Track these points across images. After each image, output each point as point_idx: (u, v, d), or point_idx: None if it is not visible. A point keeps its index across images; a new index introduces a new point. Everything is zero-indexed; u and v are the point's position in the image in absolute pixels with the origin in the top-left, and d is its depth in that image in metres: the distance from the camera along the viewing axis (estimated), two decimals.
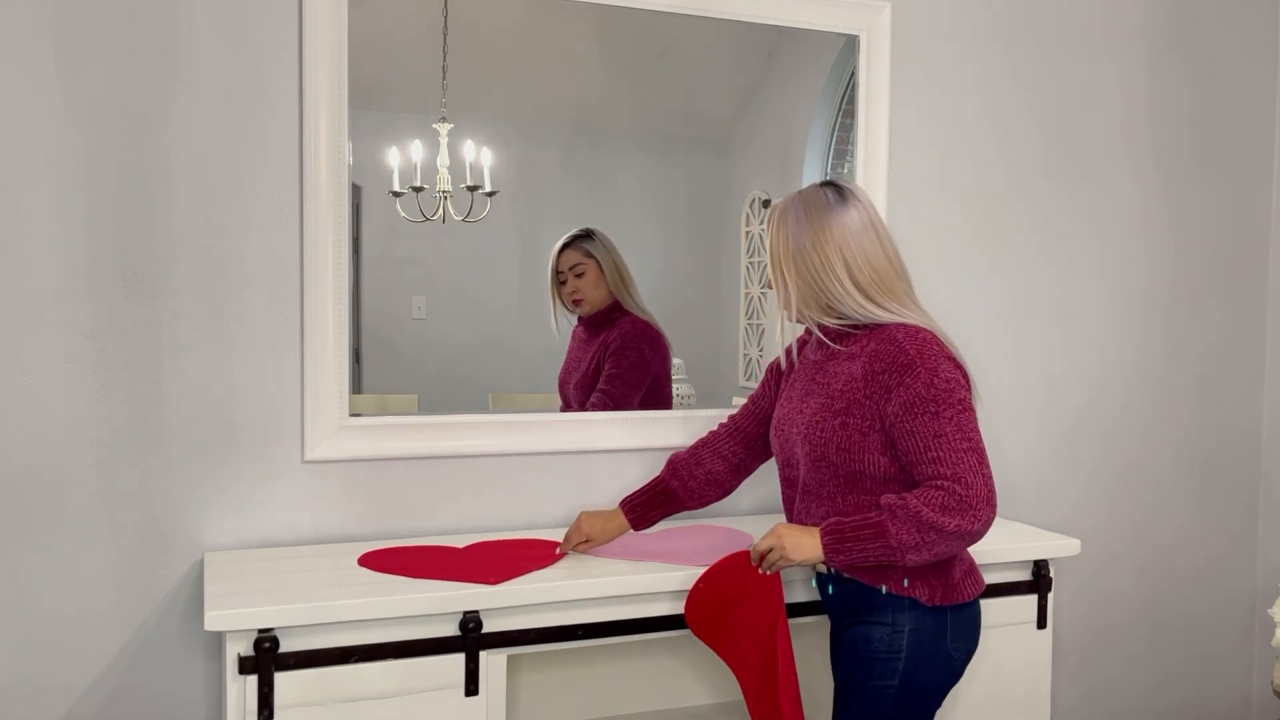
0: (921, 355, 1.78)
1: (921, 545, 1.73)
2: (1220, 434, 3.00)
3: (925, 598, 1.82)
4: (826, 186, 1.91)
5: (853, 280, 1.84)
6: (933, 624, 1.83)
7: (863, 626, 1.86)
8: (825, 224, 1.85)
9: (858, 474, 1.83)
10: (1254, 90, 2.97)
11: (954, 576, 1.85)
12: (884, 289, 1.85)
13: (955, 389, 1.76)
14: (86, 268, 2.01)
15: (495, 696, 1.87)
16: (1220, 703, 3.09)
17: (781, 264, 1.89)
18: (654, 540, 2.20)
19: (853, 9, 2.50)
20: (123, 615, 2.07)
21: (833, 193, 1.89)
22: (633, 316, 2.42)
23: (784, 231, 1.88)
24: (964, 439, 1.74)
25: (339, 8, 2.11)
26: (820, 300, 1.87)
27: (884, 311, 1.84)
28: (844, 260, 1.84)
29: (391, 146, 2.23)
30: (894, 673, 1.82)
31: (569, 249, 2.37)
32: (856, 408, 1.82)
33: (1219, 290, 2.97)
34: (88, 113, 1.99)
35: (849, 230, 1.85)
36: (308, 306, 2.13)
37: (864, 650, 1.85)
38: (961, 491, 1.71)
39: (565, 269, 2.37)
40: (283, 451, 2.15)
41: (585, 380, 2.40)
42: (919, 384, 1.76)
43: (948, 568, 1.85)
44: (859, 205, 1.88)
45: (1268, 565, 3.06)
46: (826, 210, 1.86)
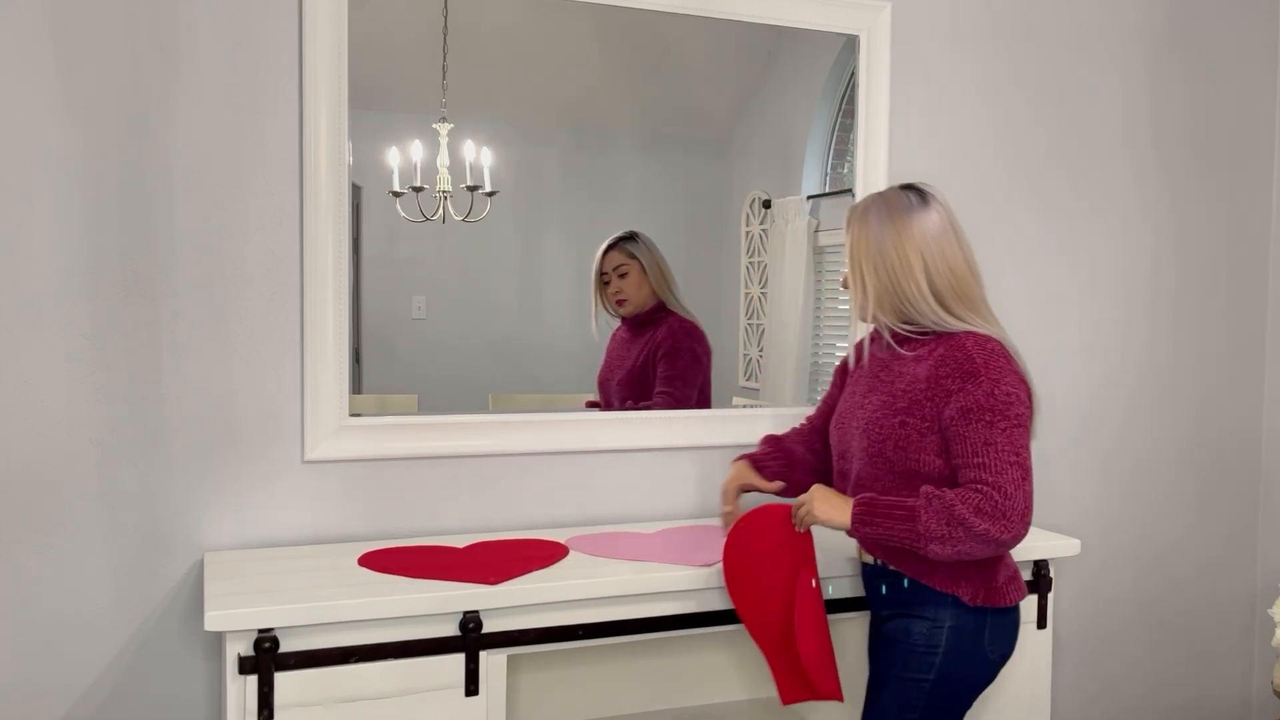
0: (987, 365, 1.80)
1: (947, 539, 1.75)
2: (1220, 434, 3.00)
3: (967, 597, 1.85)
4: (908, 189, 1.93)
5: (930, 283, 1.86)
6: (972, 623, 1.86)
7: (904, 620, 1.89)
8: (907, 225, 1.87)
9: (912, 473, 1.85)
10: (1254, 90, 2.97)
11: (998, 580, 1.87)
12: (960, 293, 1.88)
13: (1014, 403, 1.79)
14: (86, 268, 2.01)
15: (495, 696, 1.87)
16: (1220, 703, 3.09)
17: (861, 264, 1.91)
18: (654, 540, 2.20)
19: (853, 9, 2.50)
20: (123, 615, 2.07)
21: (914, 195, 1.91)
22: (678, 316, 2.46)
23: (865, 232, 1.90)
24: (1012, 452, 1.77)
25: (339, 8, 2.11)
26: (895, 303, 1.89)
27: (955, 319, 1.87)
28: (924, 262, 1.86)
29: (391, 146, 2.23)
30: (930, 667, 1.85)
31: (613, 250, 2.40)
32: (916, 408, 1.85)
33: (1219, 291, 2.97)
34: (88, 113, 1.99)
35: (929, 233, 1.87)
36: (308, 306, 2.13)
37: (903, 642, 1.88)
38: (999, 499, 1.74)
39: (609, 270, 2.40)
40: (283, 451, 2.15)
41: (630, 378, 2.42)
42: (979, 392, 1.79)
43: (992, 570, 1.87)
44: (939, 208, 1.90)
45: (1268, 565, 3.06)
46: (908, 211, 1.88)
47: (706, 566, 2.00)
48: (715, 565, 2.01)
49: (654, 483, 2.42)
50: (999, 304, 2.68)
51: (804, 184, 2.57)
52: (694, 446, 2.45)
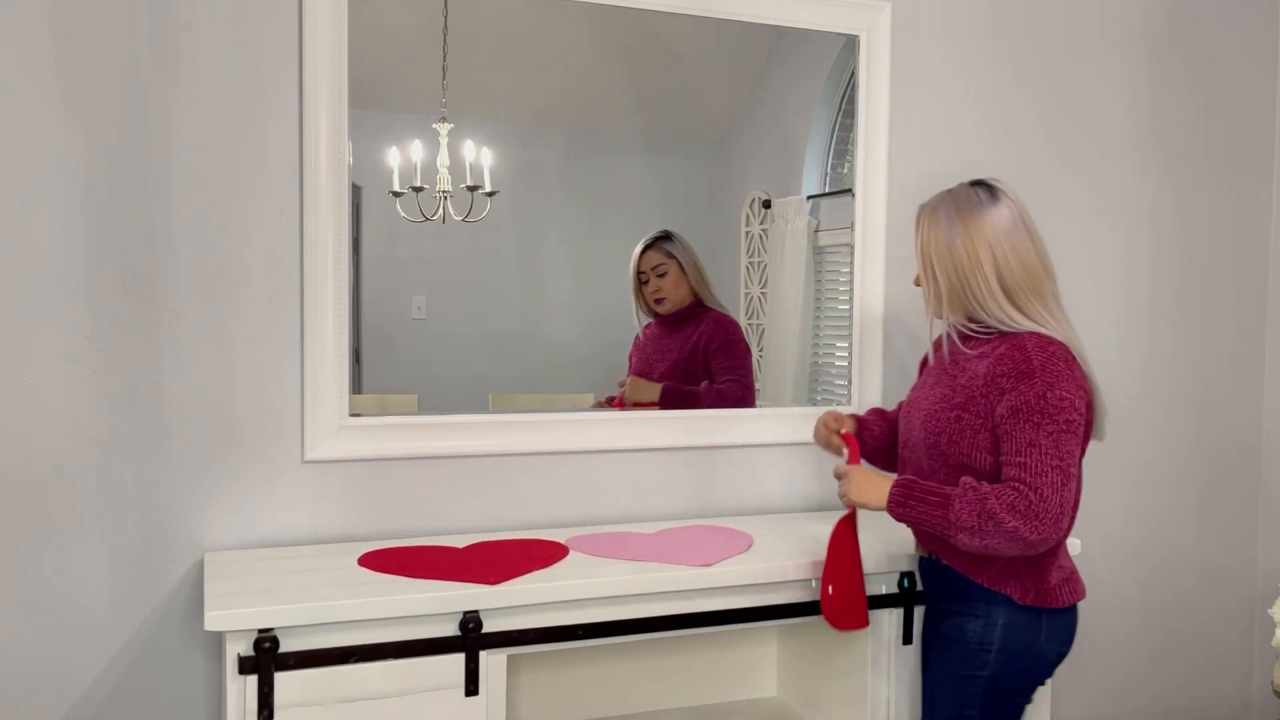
0: (1044, 367, 1.80)
1: (976, 530, 1.77)
2: (1221, 434, 3.00)
3: (1017, 596, 1.86)
4: (977, 185, 1.93)
5: (1000, 280, 1.86)
6: (1026, 621, 1.86)
7: (958, 617, 1.91)
8: (977, 222, 1.87)
9: (965, 467, 1.86)
10: (1254, 90, 2.97)
11: (1049, 581, 1.87)
12: (1032, 289, 1.87)
13: (1066, 409, 1.78)
14: (86, 268, 2.01)
15: (495, 696, 1.87)
16: (1220, 703, 3.09)
17: (932, 262, 1.91)
18: (654, 540, 2.20)
19: (853, 9, 2.50)
20: (123, 615, 2.07)
21: (984, 191, 1.91)
22: (716, 311, 2.49)
23: (935, 230, 1.91)
24: (1056, 456, 1.77)
25: (339, 8, 2.11)
26: (964, 301, 1.90)
27: (1024, 318, 1.86)
28: (994, 258, 1.86)
29: (391, 146, 2.23)
30: (985, 664, 1.86)
31: (650, 250, 2.43)
32: (972, 404, 1.85)
33: (1220, 292, 2.97)
34: (88, 113, 1.99)
35: (1000, 229, 1.87)
36: (308, 306, 2.13)
37: (958, 639, 1.89)
38: (1033, 499, 1.75)
39: (647, 269, 2.43)
40: (283, 451, 2.15)
41: (675, 372, 2.46)
42: (1031, 393, 1.78)
43: (1043, 571, 1.87)
44: (1009, 203, 1.90)
45: (1268, 566, 3.06)
46: (978, 208, 1.88)
47: (706, 566, 2.00)
48: (715, 565, 2.01)
49: (654, 483, 2.42)
50: None
51: (804, 184, 2.57)
52: (694, 446, 2.45)
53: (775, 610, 2.06)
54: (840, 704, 2.24)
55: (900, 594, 2.12)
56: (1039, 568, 1.86)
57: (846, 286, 2.57)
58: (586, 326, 2.43)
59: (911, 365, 2.62)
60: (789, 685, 2.45)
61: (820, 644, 2.31)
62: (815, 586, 2.07)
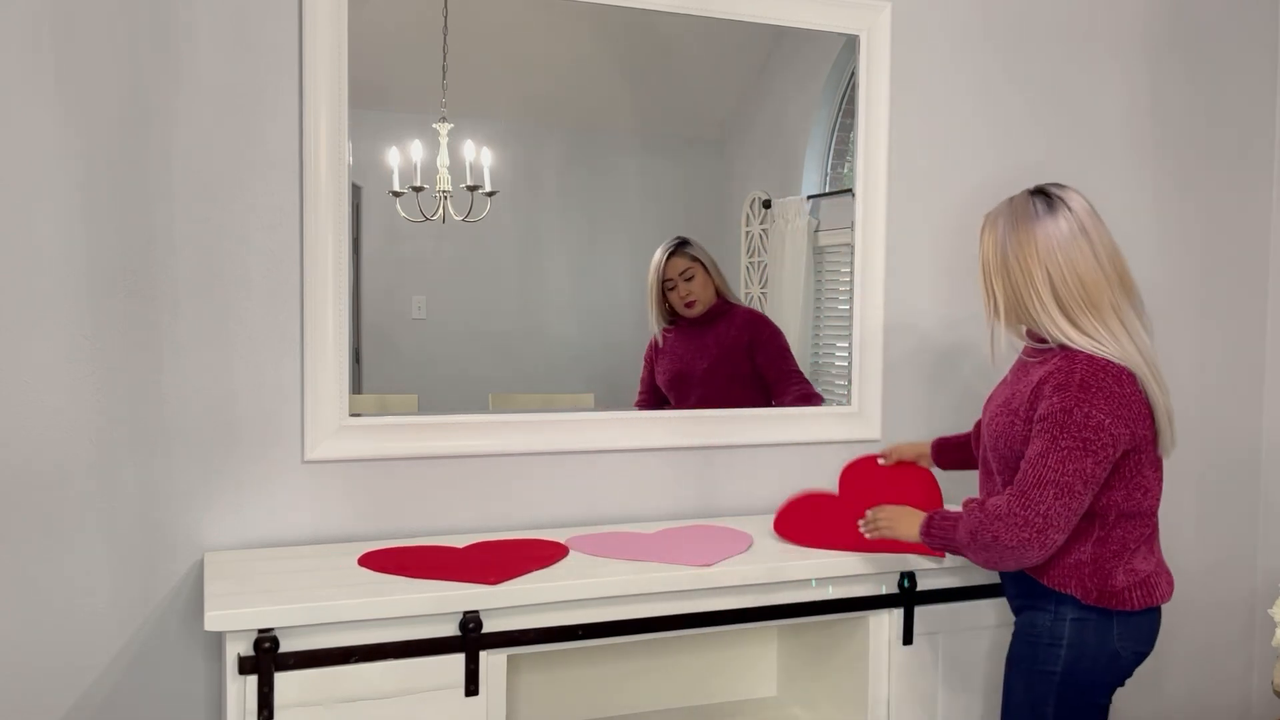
0: (1083, 385, 1.78)
1: (972, 547, 1.86)
2: (1220, 433, 3.00)
3: (1080, 596, 1.86)
4: (1036, 194, 1.91)
5: (1054, 293, 1.84)
6: (1097, 617, 1.86)
7: (1031, 612, 1.92)
8: (1030, 235, 1.86)
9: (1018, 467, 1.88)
10: (1254, 90, 2.97)
11: (1116, 583, 1.85)
12: (1089, 302, 1.84)
13: (1089, 428, 1.76)
14: (86, 268, 2.01)
15: (495, 696, 1.87)
16: (1220, 703, 3.09)
17: (990, 274, 1.92)
18: (654, 540, 2.20)
19: (853, 9, 2.50)
20: (123, 615, 2.07)
21: (1042, 201, 1.88)
22: (744, 308, 2.53)
23: (993, 241, 1.91)
24: (1058, 471, 1.77)
25: (339, 8, 2.11)
26: (1019, 314, 1.90)
27: (1078, 333, 1.83)
28: (1046, 272, 1.84)
29: (391, 146, 2.23)
30: (1056, 659, 1.87)
31: (675, 256, 2.46)
32: (1024, 410, 1.87)
33: (1219, 292, 2.97)
34: (88, 113, 1.99)
35: (1054, 241, 1.84)
36: (308, 306, 2.13)
37: (1030, 634, 1.91)
38: (1018, 506, 1.78)
39: (674, 275, 2.46)
40: (283, 451, 2.15)
41: (714, 371, 2.49)
42: (1057, 405, 1.79)
43: (1109, 572, 1.85)
44: (1068, 214, 1.86)
45: (1267, 566, 3.06)
46: (1032, 221, 1.86)
47: (706, 566, 2.00)
48: (715, 565, 2.01)
49: (654, 483, 2.42)
50: None
51: (804, 184, 2.57)
52: (694, 446, 2.45)
53: (775, 610, 2.06)
54: (840, 704, 2.24)
55: (900, 594, 2.13)
56: (1103, 570, 1.85)
57: (846, 286, 2.57)
58: (587, 326, 2.43)
59: (913, 365, 2.63)
60: (789, 685, 2.46)
61: (820, 644, 2.31)
62: (815, 585, 2.07)
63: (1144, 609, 1.87)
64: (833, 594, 2.09)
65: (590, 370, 2.45)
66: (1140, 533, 1.87)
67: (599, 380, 2.45)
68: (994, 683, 2.21)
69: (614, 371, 2.46)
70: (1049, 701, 1.87)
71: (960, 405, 2.66)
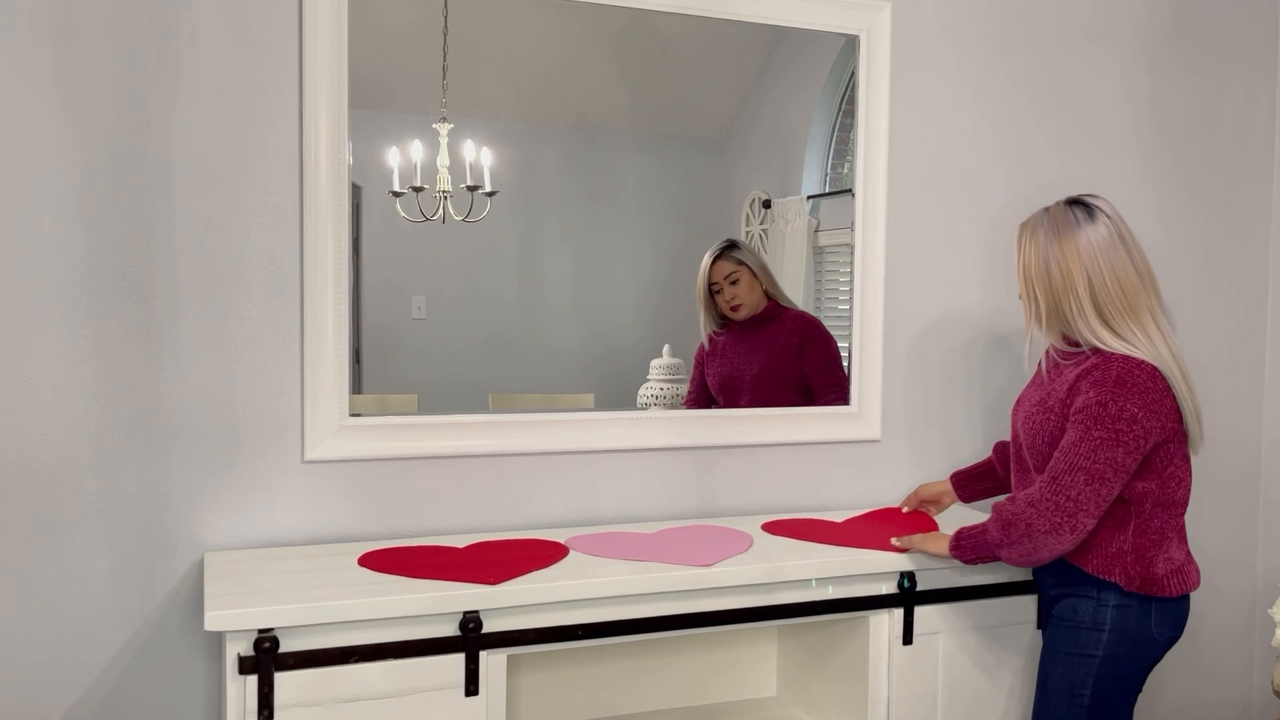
0: (1119, 381, 1.86)
1: (1005, 543, 1.92)
2: (1220, 433, 3.00)
3: (1123, 583, 1.92)
4: (1074, 204, 1.98)
5: (1093, 299, 1.91)
6: (1138, 604, 1.93)
7: (1071, 599, 1.97)
8: (1072, 242, 1.93)
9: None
10: (1254, 90, 2.97)
11: (1156, 570, 1.92)
12: (1128, 307, 1.92)
13: (1123, 420, 1.84)
14: (86, 268, 2.01)
15: (495, 696, 1.87)
16: (1220, 703, 3.09)
17: (1033, 282, 1.97)
18: (654, 540, 2.20)
19: (853, 9, 2.50)
20: (123, 615, 2.07)
21: (1081, 210, 1.96)
22: (796, 311, 2.53)
23: (1035, 249, 1.97)
24: (1090, 459, 1.84)
25: (339, 8, 2.11)
26: (1059, 320, 1.96)
27: (1115, 338, 1.91)
28: (1088, 278, 1.92)
29: (391, 146, 2.23)
30: (1098, 644, 1.93)
31: (721, 260, 2.46)
32: (1060, 406, 1.93)
33: (1219, 291, 2.97)
34: (88, 113, 1.99)
35: (1095, 247, 1.92)
36: (308, 306, 2.13)
37: (1071, 620, 1.96)
38: (1049, 491, 1.86)
39: (720, 279, 2.47)
40: (283, 451, 2.15)
41: (765, 375, 2.50)
42: (1093, 399, 1.86)
43: (1149, 560, 1.92)
44: (1107, 221, 1.95)
45: (1268, 566, 3.06)
46: (1074, 229, 1.94)
47: (706, 566, 2.00)
48: (715, 565, 2.01)
49: (654, 483, 2.42)
50: (1000, 305, 2.69)
51: (804, 184, 2.57)
52: (694, 446, 2.45)
53: (775, 610, 2.06)
54: (840, 704, 2.24)
55: (900, 594, 2.13)
56: (1144, 559, 1.92)
57: (846, 286, 2.57)
58: (587, 326, 2.43)
59: (913, 365, 2.62)
60: (789, 685, 2.46)
61: (820, 644, 2.31)
62: (815, 585, 2.07)
63: (1180, 595, 1.95)
64: (833, 594, 2.09)
65: (590, 370, 2.45)
66: (1175, 522, 1.96)
67: (599, 380, 2.44)
68: (994, 683, 2.21)
69: (614, 372, 2.46)
70: (1087, 685, 1.92)
71: (960, 405, 2.66)
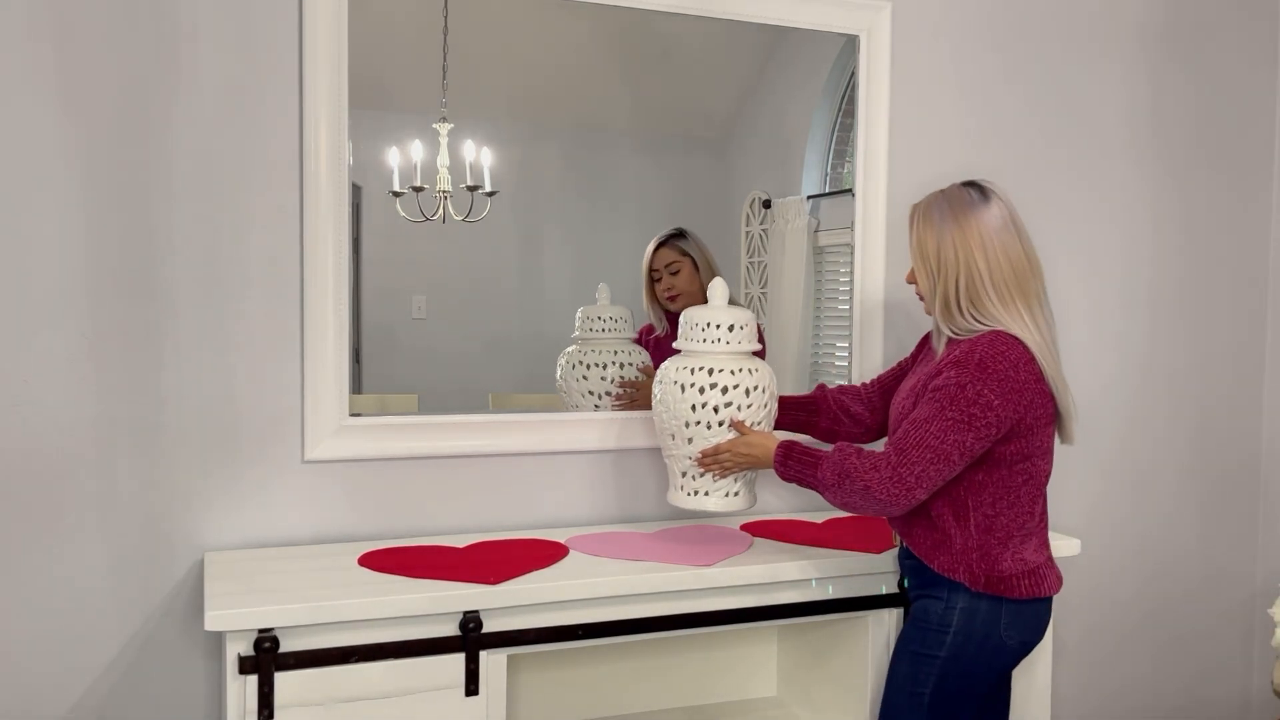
0: (980, 364, 1.83)
1: (836, 488, 1.88)
2: (1221, 434, 3.00)
3: (968, 582, 1.90)
4: (969, 185, 1.96)
5: (990, 280, 1.89)
6: (986, 608, 1.90)
7: (924, 600, 1.96)
8: (970, 222, 1.91)
9: None
10: (1254, 90, 2.97)
11: (1002, 569, 1.90)
12: (1019, 289, 1.90)
13: (976, 405, 1.82)
14: (86, 268, 2.01)
15: (495, 696, 1.87)
16: (1220, 703, 3.09)
17: (930, 261, 1.94)
18: (654, 540, 2.20)
19: (853, 9, 2.50)
20: (123, 615, 2.07)
21: (976, 191, 1.94)
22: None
23: (929, 229, 1.94)
24: (938, 439, 1.82)
25: (339, 8, 2.11)
26: (951, 299, 1.92)
27: (1006, 317, 1.89)
28: (985, 258, 1.89)
29: (391, 146, 2.23)
30: (942, 645, 1.91)
31: (663, 248, 2.42)
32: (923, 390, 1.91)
33: (1220, 293, 2.97)
34: (88, 113, 1.99)
35: (991, 228, 1.90)
36: (308, 306, 2.13)
37: (921, 620, 1.95)
38: (896, 461, 1.83)
39: (660, 267, 2.42)
40: (283, 451, 2.15)
41: None
42: (953, 378, 1.84)
43: (995, 558, 1.90)
44: (1000, 203, 1.93)
45: (1268, 566, 3.06)
46: (970, 208, 1.92)
47: (706, 566, 2.00)
48: (715, 565, 2.01)
49: (655, 482, 2.42)
50: None
51: (804, 184, 2.57)
52: None
53: (775, 610, 2.07)
54: (840, 704, 2.24)
55: (900, 594, 2.13)
56: (989, 556, 1.89)
57: (846, 286, 2.57)
58: None
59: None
60: (789, 685, 2.46)
61: (820, 644, 2.32)
62: (815, 585, 2.07)
63: (1030, 598, 1.91)
64: (833, 594, 2.09)
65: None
66: (1025, 521, 1.91)
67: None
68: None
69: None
70: (928, 685, 1.91)
71: None
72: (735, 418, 2.03)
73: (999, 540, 1.89)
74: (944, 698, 1.91)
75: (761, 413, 2.07)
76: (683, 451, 2.06)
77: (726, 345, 2.05)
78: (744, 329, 2.07)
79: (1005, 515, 1.89)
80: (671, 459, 2.10)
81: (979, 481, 1.88)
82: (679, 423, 2.04)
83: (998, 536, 1.89)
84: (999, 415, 1.83)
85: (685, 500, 2.08)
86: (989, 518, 1.89)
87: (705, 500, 2.07)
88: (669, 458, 2.11)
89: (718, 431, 2.02)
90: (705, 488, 2.07)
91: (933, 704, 1.91)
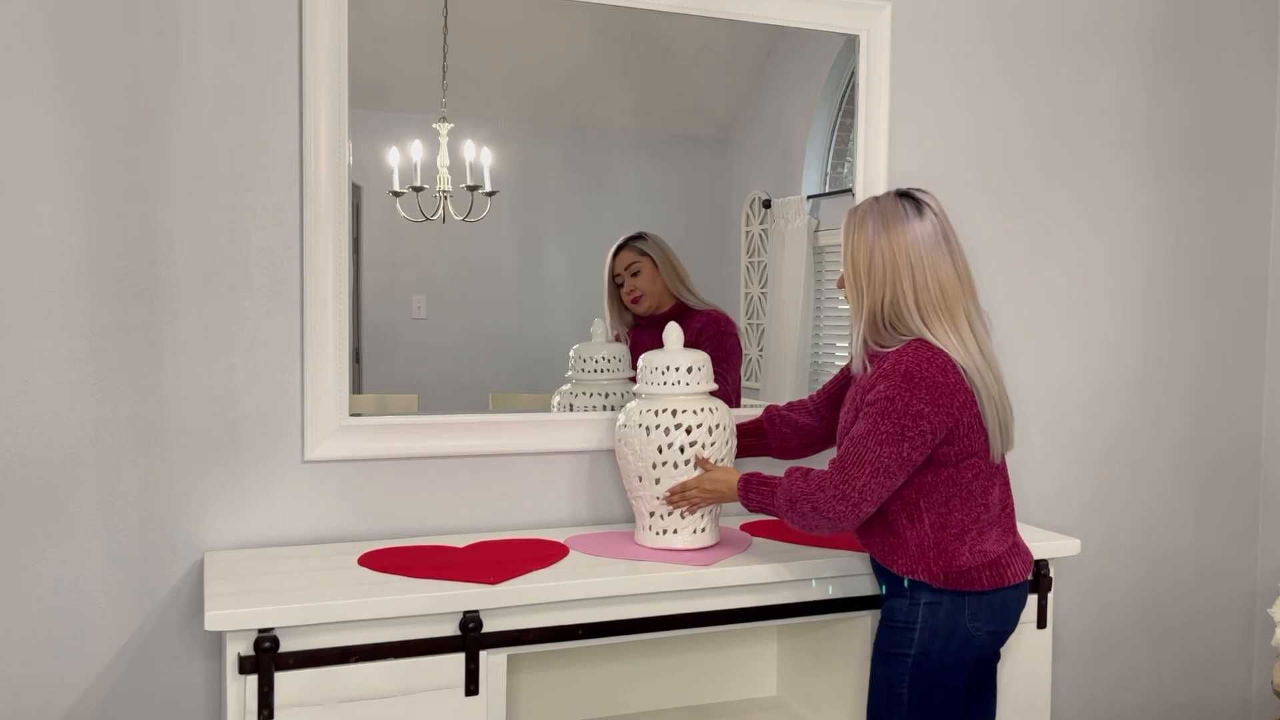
0: (908, 376, 1.85)
1: (789, 511, 1.91)
2: (1220, 433, 3.00)
3: (929, 579, 1.91)
4: (904, 196, 1.95)
5: (916, 302, 1.89)
6: (949, 602, 1.91)
7: (891, 599, 1.97)
8: (900, 236, 1.90)
9: None
10: (1254, 90, 2.97)
11: (960, 563, 1.90)
12: (944, 307, 1.90)
13: (908, 417, 1.84)
14: (86, 268, 2.01)
15: (495, 696, 1.87)
16: (1220, 703, 3.09)
17: (859, 272, 1.94)
18: None
19: (853, 9, 2.50)
20: (123, 615, 2.07)
21: (910, 204, 1.93)
22: (705, 310, 2.47)
23: (862, 238, 1.93)
24: (875, 453, 1.84)
25: (339, 7, 2.11)
26: (878, 312, 1.92)
27: (929, 334, 1.89)
28: (912, 274, 1.89)
29: (391, 146, 2.23)
30: (910, 643, 1.92)
31: (623, 250, 2.41)
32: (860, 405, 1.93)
33: (1219, 291, 2.97)
34: (88, 113, 1.99)
35: (921, 244, 1.90)
36: (308, 306, 2.13)
37: (889, 620, 1.96)
38: (838, 479, 1.86)
39: (621, 270, 2.41)
40: (283, 451, 2.15)
41: None
42: (883, 394, 1.86)
43: (951, 553, 1.90)
44: (933, 218, 1.93)
45: (1268, 565, 3.06)
46: (902, 222, 1.91)
47: (706, 566, 2.00)
48: (715, 565, 2.01)
49: None
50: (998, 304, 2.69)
51: (804, 184, 2.57)
52: None
53: (775, 610, 2.07)
54: (840, 704, 2.24)
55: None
56: (946, 552, 1.90)
57: None
58: (586, 326, 2.42)
59: None
60: (789, 685, 2.46)
61: (820, 644, 2.32)
62: (815, 585, 2.07)
63: (994, 589, 1.92)
64: (833, 594, 2.09)
65: None
66: (980, 514, 1.92)
67: None
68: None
69: None
70: (904, 684, 1.92)
71: None
72: (700, 455, 2.06)
73: (954, 535, 1.90)
74: (921, 694, 1.92)
75: (724, 449, 2.11)
76: (650, 492, 2.09)
77: (686, 386, 2.10)
78: (701, 370, 2.12)
79: (959, 511, 1.91)
80: (638, 500, 2.13)
81: (929, 483, 1.90)
82: (645, 464, 2.08)
83: (952, 532, 1.90)
84: (932, 423, 1.84)
85: (654, 539, 2.12)
86: (942, 515, 1.90)
87: (674, 538, 2.10)
88: (635, 499, 2.14)
89: (684, 470, 2.07)
90: (674, 525, 2.10)
91: (912, 701, 1.92)
